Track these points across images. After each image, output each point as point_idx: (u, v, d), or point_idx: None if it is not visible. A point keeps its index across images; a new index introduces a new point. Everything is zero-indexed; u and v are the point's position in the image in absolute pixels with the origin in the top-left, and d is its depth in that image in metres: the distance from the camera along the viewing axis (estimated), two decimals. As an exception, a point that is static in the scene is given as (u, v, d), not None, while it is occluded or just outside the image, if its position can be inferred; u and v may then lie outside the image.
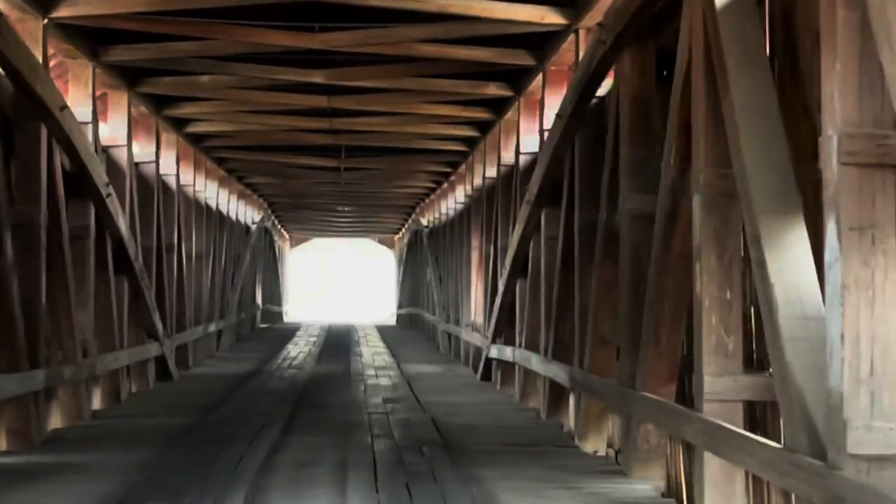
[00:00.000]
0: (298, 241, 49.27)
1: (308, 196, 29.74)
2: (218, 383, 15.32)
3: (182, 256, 17.34)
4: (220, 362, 19.55)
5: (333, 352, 22.54)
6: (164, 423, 10.80)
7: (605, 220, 8.97)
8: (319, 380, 15.98)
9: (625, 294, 8.22)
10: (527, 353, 12.49)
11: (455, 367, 18.61)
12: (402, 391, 14.08)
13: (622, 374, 8.22)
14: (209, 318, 20.78)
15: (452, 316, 21.94)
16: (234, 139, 18.84)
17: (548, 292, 11.62)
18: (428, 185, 25.71)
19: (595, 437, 9.57)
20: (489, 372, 15.54)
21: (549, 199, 11.59)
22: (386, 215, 36.29)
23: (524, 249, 12.89)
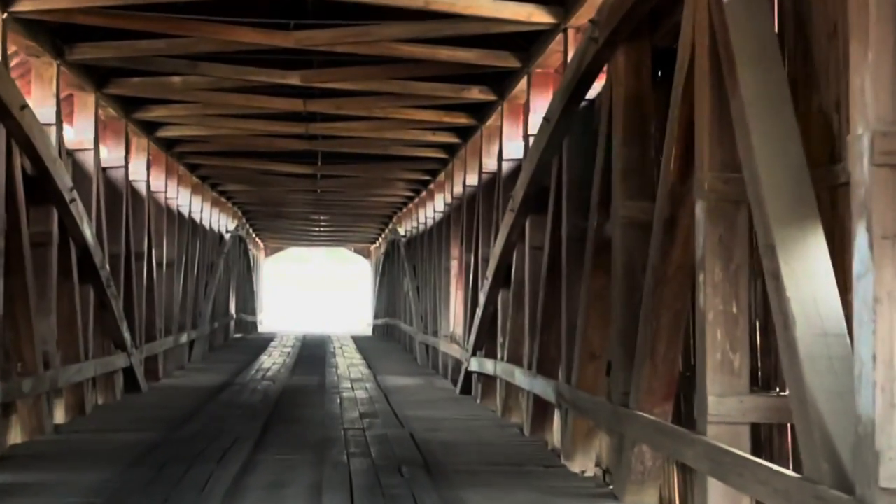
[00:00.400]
0: (273, 250, 48.69)
1: (283, 204, 29.23)
2: (188, 396, 14.78)
3: (152, 264, 16.80)
4: (191, 374, 19.00)
5: (308, 363, 22.01)
6: (129, 439, 10.26)
7: (596, 229, 8.51)
8: (293, 392, 15.46)
9: (617, 306, 7.76)
10: (510, 367, 12.02)
11: (433, 380, 18.12)
12: (380, 405, 13.58)
13: (614, 392, 7.75)
14: (181, 328, 20.23)
15: (430, 327, 21.46)
16: (206, 144, 18.32)
17: (532, 304, 11.15)
18: (406, 193, 25.23)
19: (583, 457, 9.11)
20: (469, 385, 15.07)
21: (534, 206, 11.13)
22: (362, 224, 35.81)
23: (507, 259, 12.43)
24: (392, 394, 15.21)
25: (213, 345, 26.17)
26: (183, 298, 20.47)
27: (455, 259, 18.21)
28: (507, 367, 12.20)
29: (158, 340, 17.33)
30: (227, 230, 28.33)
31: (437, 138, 16.70)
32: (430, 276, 21.99)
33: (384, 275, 36.45)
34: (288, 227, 37.27)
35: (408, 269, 26.22)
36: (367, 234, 39.75)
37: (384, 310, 36.67)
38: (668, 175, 6.68)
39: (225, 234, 28.00)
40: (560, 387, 9.46)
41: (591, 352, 8.84)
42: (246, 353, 24.39)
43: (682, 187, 6.58)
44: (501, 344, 12.89)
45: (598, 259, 8.57)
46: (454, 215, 18.31)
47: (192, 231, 21.52)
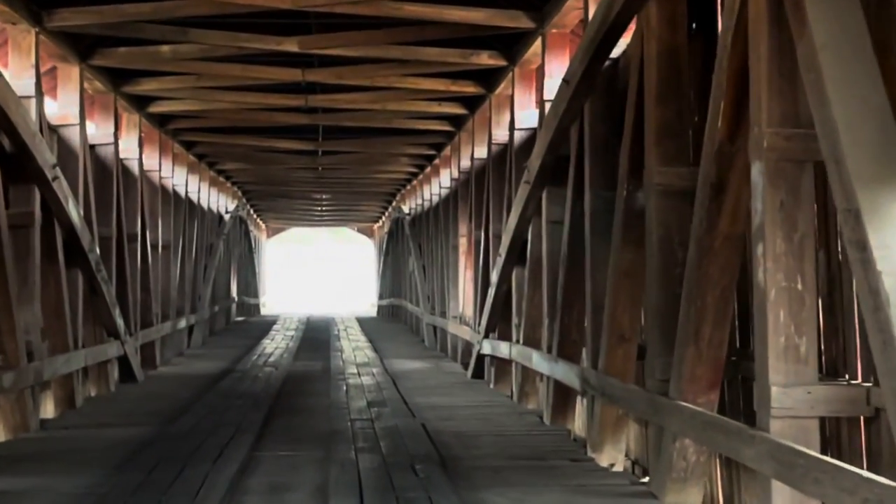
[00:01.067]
0: (275, 231, 47.87)
1: (284, 183, 28.43)
2: (186, 385, 14.02)
3: (147, 247, 16.02)
4: (190, 360, 18.24)
5: (312, 347, 21.25)
6: (120, 436, 9.51)
7: (626, 199, 7.72)
8: (297, 379, 14.70)
9: (653, 284, 6.98)
10: (526, 350, 11.25)
11: (443, 363, 17.36)
12: (388, 392, 12.81)
13: (650, 378, 6.98)
14: (179, 313, 19.47)
15: (438, 307, 20.69)
16: (202, 120, 17.50)
17: (551, 282, 10.38)
18: (410, 169, 24.42)
19: (611, 448, 8.36)
20: (481, 369, 14.31)
21: (551, 177, 10.34)
22: (365, 203, 35.01)
23: (522, 235, 11.64)
24: (400, 379, 14.45)
25: (214, 329, 25.42)
26: (181, 282, 19.70)
27: (463, 236, 17.43)
28: (523, 350, 11.44)
29: (155, 326, 16.57)
30: (226, 211, 27.53)
31: (443, 109, 15.88)
32: (436, 254, 21.22)
33: (388, 254, 35.69)
34: (289, 207, 36.46)
35: (413, 247, 25.44)
36: (370, 213, 38.94)
37: (389, 290, 35.92)
38: (715, 134, 5.89)
39: (224, 214, 27.20)
40: (585, 372, 8.69)
41: (620, 334, 8.07)
42: (248, 338, 23.62)
43: (732, 147, 5.80)
44: (517, 325, 12.13)
45: (627, 233, 7.79)
46: (462, 191, 17.51)
47: (190, 212, 20.73)
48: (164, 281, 18.17)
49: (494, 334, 13.46)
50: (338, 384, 13.78)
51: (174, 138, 18.61)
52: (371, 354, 18.89)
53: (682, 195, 6.85)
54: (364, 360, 17.56)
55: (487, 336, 13.61)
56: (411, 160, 22.66)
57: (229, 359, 18.09)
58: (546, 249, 10.50)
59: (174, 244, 18.88)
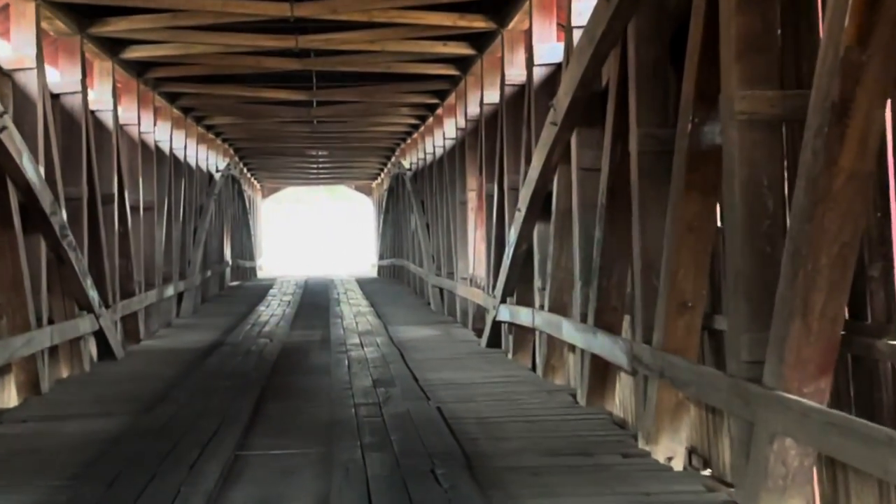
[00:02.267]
0: (270, 191, 46.31)
1: (278, 139, 26.92)
2: (170, 362, 12.59)
3: (125, 208, 14.52)
4: (178, 332, 16.80)
5: (310, 313, 19.80)
6: (84, 431, 8.07)
7: (690, 134, 6.23)
8: (293, 353, 13.26)
9: (736, 240, 5.50)
10: (554, 318, 9.80)
11: (452, 329, 15.92)
12: (396, 367, 11.37)
13: (734, 360, 5.53)
14: (166, 280, 18.01)
15: (445, 268, 19.24)
16: (183, 68, 15.95)
17: (584, 240, 8.91)
18: (410, 121, 22.90)
19: (669, 440, 6.93)
20: (497, 337, 12.88)
21: (583, 116, 8.85)
22: (363, 159, 33.51)
23: (546, 185, 10.17)
24: (408, 350, 13.02)
25: (206, 296, 23.96)
26: (167, 246, 18.21)
27: (472, 191, 15.95)
28: (550, 318, 9.99)
29: (137, 296, 15.11)
30: (216, 169, 26.01)
31: (448, 50, 14.33)
32: (441, 211, 19.74)
33: (388, 212, 34.23)
34: (285, 165, 34.93)
35: (415, 205, 23.95)
36: (369, 170, 37.44)
37: (390, 250, 34.49)
38: (837, 37, 4.40)
39: (215, 173, 25.68)
40: (635, 347, 7.24)
41: (681, 301, 6.61)
42: (242, 304, 22.16)
43: (863, 54, 4.31)
44: (540, 289, 10.67)
45: (692, 176, 6.31)
46: (470, 141, 16.02)
47: (176, 170, 19.21)
48: (148, 246, 16.71)
49: (512, 299, 12.02)
50: (339, 358, 12.34)
51: (155, 90, 17.07)
52: (374, 321, 17.46)
53: (771, 126, 5.39)
54: (367, 328, 16.12)
55: (504, 301, 12.17)
56: (412, 110, 21.13)
57: (221, 329, 16.66)
58: (577, 201, 9.02)
59: (158, 205, 17.39)
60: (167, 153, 18.27)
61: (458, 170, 17.18)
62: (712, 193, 6.32)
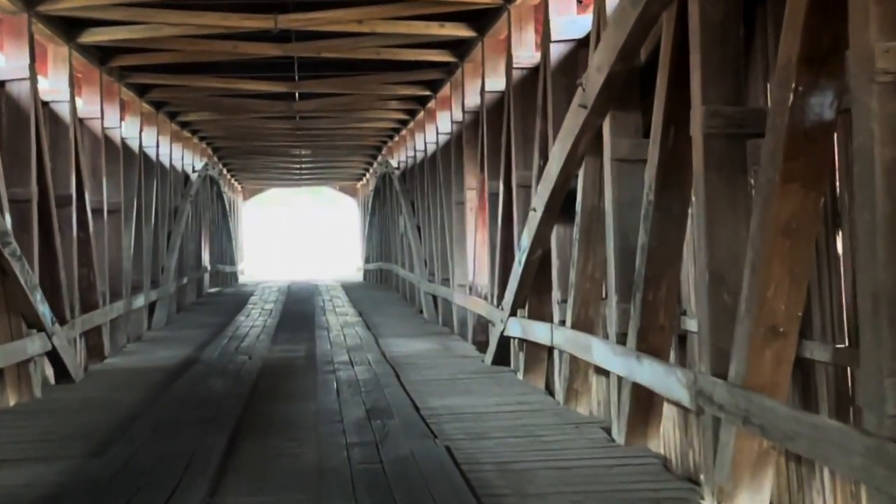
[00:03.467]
0: (252, 193, 44.73)
1: (258, 137, 25.41)
2: (135, 385, 11.08)
3: (86, 212, 13.00)
4: (149, 347, 15.26)
5: (294, 323, 18.27)
6: (15, 484, 6.56)
7: (792, 108, 4.76)
8: (274, 373, 11.75)
9: (875, 245, 4.03)
10: (581, 338, 8.32)
11: (451, 343, 14.43)
12: (392, 391, 9.87)
13: (874, 412, 4.06)
14: (135, 290, 16.48)
15: (440, 274, 17.74)
16: (151, 55, 14.41)
17: (621, 245, 7.43)
18: (399, 116, 21.41)
19: (750, 499, 5.45)
20: (505, 354, 11.41)
21: (620, 97, 7.38)
22: (348, 158, 32.02)
23: (568, 181, 8.69)
24: (404, 368, 11.53)
25: (183, 304, 22.41)
26: (136, 252, 16.67)
27: (472, 190, 14.47)
28: (575, 336, 8.51)
29: (101, 309, 13.57)
30: (193, 170, 24.47)
31: (444, 32, 12.83)
32: (434, 212, 18.24)
33: (374, 214, 32.73)
34: (266, 165, 33.41)
35: (405, 205, 22.47)
36: (353, 170, 35.94)
37: (376, 253, 33.00)
38: None
39: (192, 174, 24.14)
40: (702, 380, 5.76)
41: (771, 325, 5.15)
42: (220, 314, 20.61)
43: None
44: (560, 302, 9.19)
45: (792, 165, 4.85)
46: (468, 134, 14.53)
47: (146, 170, 17.65)
48: (114, 252, 15.16)
49: (524, 311, 10.55)
50: (326, 380, 10.83)
51: (121, 80, 15.53)
52: (363, 333, 15.95)
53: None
54: (356, 342, 14.61)
55: (514, 313, 10.69)
56: (402, 104, 19.64)
57: (195, 343, 15.14)
58: (612, 199, 7.53)
59: (126, 208, 15.84)
60: (136, 151, 16.73)
61: (455, 167, 15.70)
62: (816, 186, 4.86)
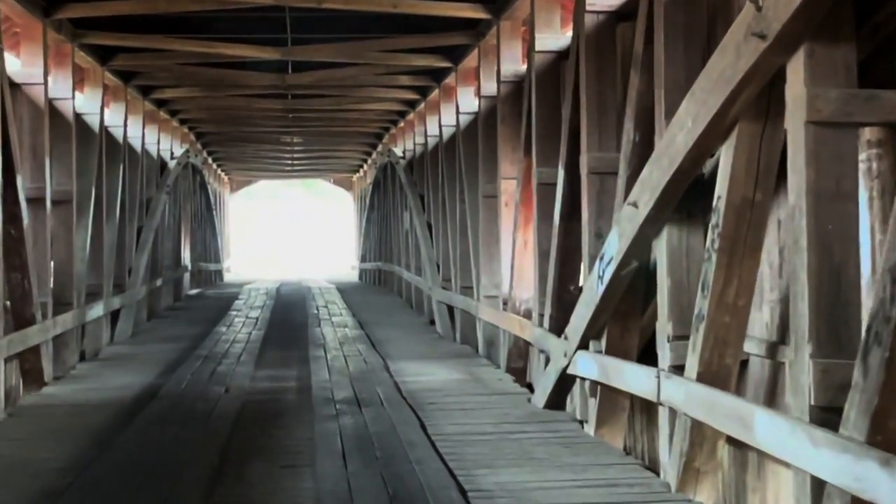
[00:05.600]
0: (240, 185, 41.80)
1: (245, 121, 22.63)
2: (65, 434, 8.21)
3: (18, 201, 10.12)
4: (103, 369, 12.35)
5: (283, 339, 15.34)
6: None
7: None
8: (257, 417, 8.84)
9: None
10: (724, 400, 5.44)
11: (478, 370, 11.56)
12: (421, 457, 6.97)
13: None
14: (92, 297, 13.61)
15: (457, 281, 14.87)
16: (108, 5, 11.56)
17: (818, 262, 4.57)
18: (408, 96, 18.54)
19: None
20: (562, 395, 8.60)
21: (823, 21, 4.52)
22: (344, 148, 29.23)
23: (700, 162, 5.84)
24: (429, 413, 8.67)
25: (156, 309, 19.46)
26: (94, 252, 13.75)
27: (509, 179, 11.60)
28: (709, 396, 5.63)
29: (39, 325, 10.68)
30: (172, 157, 21.56)
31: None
32: (452, 207, 15.36)
33: (373, 209, 29.87)
34: (255, 154, 30.55)
35: (412, 200, 19.59)
36: (350, 161, 33.08)
37: (374, 252, 30.13)
38: None
39: (170, 161, 21.23)
40: None
41: None
42: (197, 323, 17.67)
43: None
44: (673, 338, 6.32)
45: None
46: (506, 110, 11.68)
47: (110, 153, 14.76)
48: (62, 252, 12.29)
49: (598, 343, 7.69)
50: (326, 432, 7.92)
51: (75, 41, 12.66)
52: (368, 353, 13.07)
53: None
54: (360, 367, 11.72)
55: (586, 346, 7.83)
56: (412, 80, 16.78)
57: (161, 365, 12.27)
58: (805, 186, 4.65)
59: (80, 198, 12.96)
60: (96, 130, 13.83)
61: (484, 153, 12.83)
62: None
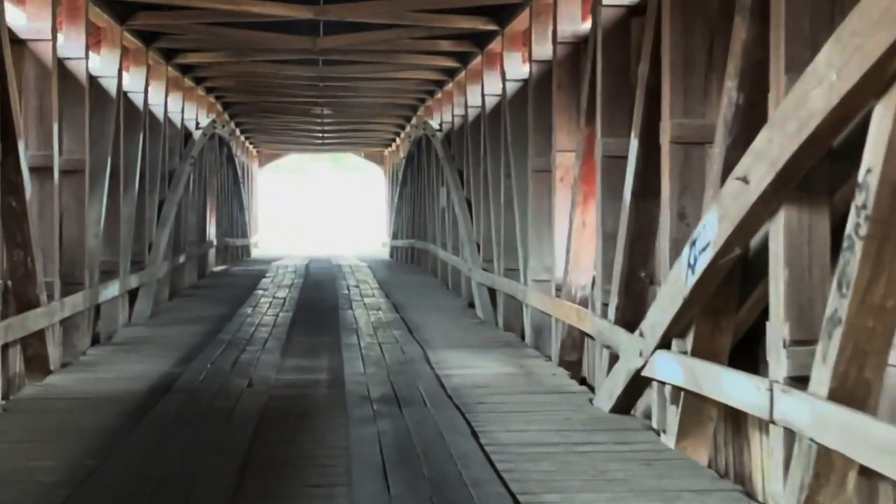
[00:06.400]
0: (268, 158, 40.71)
1: (274, 91, 21.61)
2: (65, 436, 7.16)
3: (20, 171, 9.05)
4: (116, 355, 11.29)
5: (313, 322, 14.26)
6: None
7: None
8: (283, 417, 7.74)
9: None
10: (878, 430, 4.30)
11: (528, 362, 10.45)
12: (476, 476, 5.87)
13: None
14: (107, 275, 12.59)
15: (500, 262, 13.75)
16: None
17: None
18: (446, 64, 17.38)
19: None
20: (632, 399, 7.50)
21: None
22: (376, 120, 28.14)
23: (841, 127, 4.68)
24: (478, 415, 7.57)
25: (179, 288, 18.44)
26: (110, 226, 12.70)
27: (565, 151, 10.47)
28: (846, 417, 4.50)
29: (43, 307, 9.62)
30: (197, 127, 20.48)
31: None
32: (495, 183, 14.22)
33: (406, 184, 28.78)
34: (284, 125, 29.47)
35: (450, 174, 18.47)
36: (382, 134, 31.97)
37: (407, 229, 29.05)
38: None
39: (194, 131, 20.15)
40: None
41: None
42: (221, 303, 16.60)
43: None
44: (792, 344, 5.17)
45: None
46: (563, 74, 10.53)
47: (128, 120, 13.72)
48: (73, 227, 11.25)
49: (684, 343, 6.55)
50: (363, 439, 6.81)
51: None
52: (405, 340, 11.98)
53: None
54: (398, 358, 10.63)
55: (667, 345, 6.70)
56: (454, 45, 15.63)
57: (180, 351, 11.23)
58: None
59: (95, 168, 11.92)
60: (113, 94, 12.75)
61: (535, 123, 11.69)
62: None
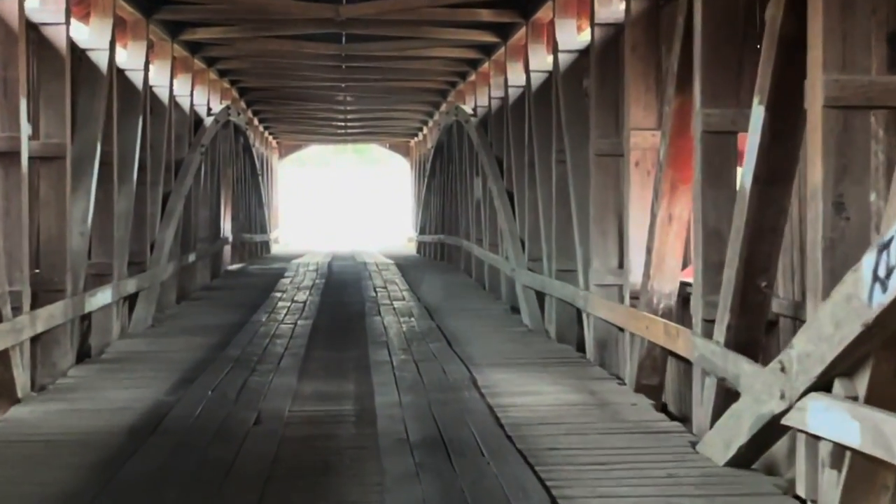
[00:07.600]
0: (289, 150, 38.97)
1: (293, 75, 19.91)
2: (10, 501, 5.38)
3: None
4: (102, 376, 9.47)
5: (335, 332, 12.46)
6: None
7: None
8: (297, 471, 5.93)
9: None
10: None
11: (597, 386, 8.61)
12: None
13: None
14: (99, 279, 10.85)
15: (551, 263, 11.92)
16: None
17: None
18: (483, 38, 15.60)
19: None
20: (761, 450, 5.67)
21: None
22: (402, 108, 26.39)
23: None
24: (555, 473, 5.78)
25: (188, 291, 16.67)
26: (101, 223, 10.94)
27: (641, 129, 8.63)
28: None
29: (6, 323, 7.85)
30: (209, 113, 18.71)
31: None
32: (543, 171, 12.38)
33: (434, 175, 26.97)
34: (304, 114, 27.76)
35: (487, 163, 16.60)
36: (408, 123, 30.21)
37: (436, 223, 27.25)
38: None
39: (206, 118, 18.38)
40: None
41: None
42: (233, 308, 14.77)
43: None
44: None
45: None
46: (637, 34, 8.69)
47: (124, 102, 11.98)
48: (52, 224, 9.49)
49: (853, 384, 4.71)
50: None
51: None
52: (444, 356, 10.15)
53: None
54: (439, 380, 8.80)
55: (827, 386, 4.86)
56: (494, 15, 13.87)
57: (176, 372, 9.43)
58: None
59: (81, 154, 10.17)
60: (104, 71, 10.97)
61: (598, 97, 9.84)
62: None
